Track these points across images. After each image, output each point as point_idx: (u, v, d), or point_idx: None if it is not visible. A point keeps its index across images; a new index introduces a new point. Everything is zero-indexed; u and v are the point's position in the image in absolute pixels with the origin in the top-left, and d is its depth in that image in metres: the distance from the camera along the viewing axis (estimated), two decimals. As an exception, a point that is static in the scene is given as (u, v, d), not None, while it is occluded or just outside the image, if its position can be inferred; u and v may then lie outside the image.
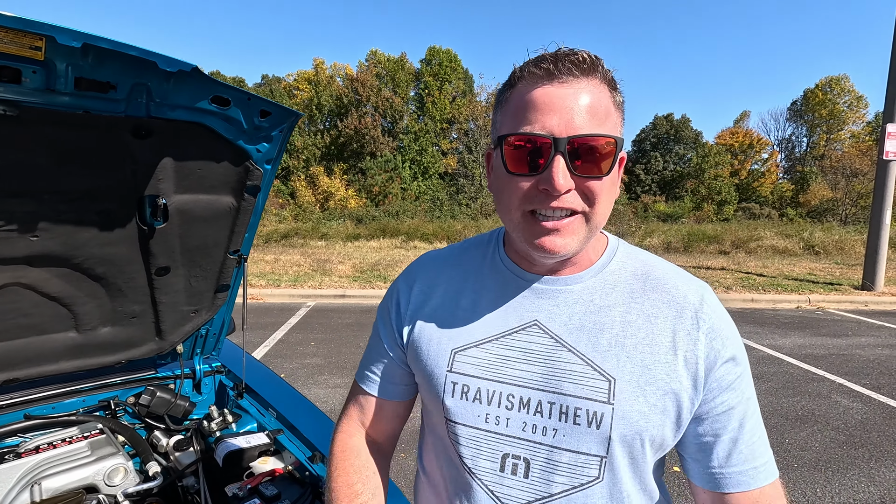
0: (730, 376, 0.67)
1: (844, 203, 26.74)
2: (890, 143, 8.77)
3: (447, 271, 0.82)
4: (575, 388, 0.67)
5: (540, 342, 0.71)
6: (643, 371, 0.66)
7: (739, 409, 0.67)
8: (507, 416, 0.70)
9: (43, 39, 0.95)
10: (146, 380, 1.88)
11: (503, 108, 0.68)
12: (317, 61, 33.88)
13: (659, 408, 0.65)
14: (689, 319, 0.68)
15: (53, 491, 1.29)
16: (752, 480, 0.66)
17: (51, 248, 1.34)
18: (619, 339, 0.68)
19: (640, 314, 0.69)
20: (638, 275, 0.73)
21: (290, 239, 15.74)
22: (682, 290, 0.71)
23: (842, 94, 36.51)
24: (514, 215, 0.67)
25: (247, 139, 1.39)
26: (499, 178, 0.68)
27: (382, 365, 0.84)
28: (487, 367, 0.72)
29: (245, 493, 1.42)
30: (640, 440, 0.66)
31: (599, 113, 0.62)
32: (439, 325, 0.77)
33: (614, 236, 0.79)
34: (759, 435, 0.68)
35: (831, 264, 12.74)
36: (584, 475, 0.67)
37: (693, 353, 0.66)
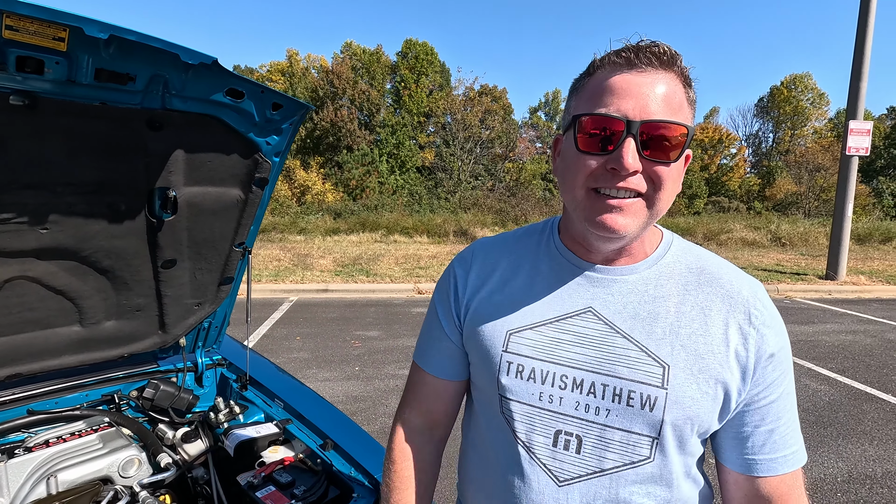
0: (775, 373, 0.70)
1: (808, 196, 27.82)
2: (852, 139, 9.19)
3: (503, 257, 0.84)
4: (629, 372, 0.70)
5: (594, 328, 0.73)
6: (696, 359, 0.69)
7: (780, 402, 0.71)
8: (561, 395, 0.73)
9: (67, 30, 0.95)
10: (148, 373, 1.87)
11: (578, 94, 0.70)
12: (290, 52, 33.24)
13: (710, 395, 0.68)
14: (741, 314, 0.71)
15: (69, 483, 1.29)
16: (780, 466, 0.71)
17: (60, 240, 1.33)
18: (673, 328, 0.71)
19: (695, 306, 0.72)
20: (693, 268, 0.75)
21: (267, 233, 15.48)
22: (736, 285, 0.73)
23: (805, 92, 37.85)
24: (577, 193, 0.68)
25: (257, 132, 1.40)
26: (567, 158, 0.70)
27: (440, 346, 0.87)
28: (542, 349, 0.75)
29: (260, 481, 1.44)
30: (691, 424, 0.69)
31: (674, 103, 0.64)
32: (495, 308, 0.80)
33: (670, 231, 0.82)
34: (794, 426, 0.73)
35: (797, 255, 13.30)
36: (636, 454, 0.70)
37: (744, 346, 0.69)
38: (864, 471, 3.00)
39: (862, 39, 9.12)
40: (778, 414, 0.71)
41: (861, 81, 9.19)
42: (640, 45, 0.65)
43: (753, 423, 0.71)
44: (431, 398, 0.90)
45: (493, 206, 20.90)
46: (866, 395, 4.21)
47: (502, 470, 0.78)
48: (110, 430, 1.52)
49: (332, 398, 3.91)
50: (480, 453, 0.83)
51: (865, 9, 9.05)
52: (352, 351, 5.20)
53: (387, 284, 8.70)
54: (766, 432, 0.71)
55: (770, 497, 0.72)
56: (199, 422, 1.77)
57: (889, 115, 36.00)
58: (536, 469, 0.74)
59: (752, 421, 0.71)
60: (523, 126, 35.17)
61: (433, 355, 0.89)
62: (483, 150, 29.86)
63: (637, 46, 0.65)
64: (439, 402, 0.90)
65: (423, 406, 0.91)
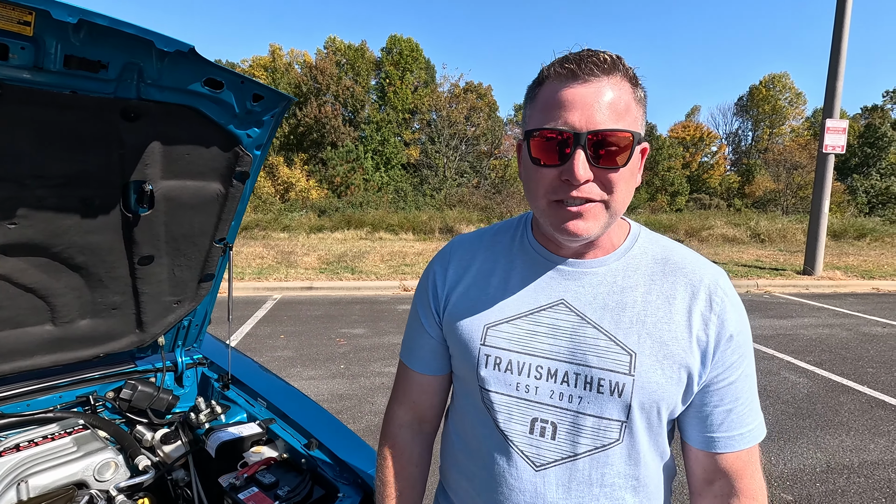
0: (734, 356, 0.74)
1: (785, 194, 28.44)
2: (829, 137, 9.40)
3: (479, 253, 0.88)
4: (599, 361, 0.74)
5: (566, 319, 0.77)
6: (661, 347, 0.73)
7: (739, 384, 0.75)
8: (536, 385, 0.76)
9: (33, 14, 0.91)
10: (125, 374, 1.81)
11: (531, 104, 0.73)
12: (273, 47, 32.75)
13: (674, 380, 0.73)
14: (703, 301, 0.74)
15: (41, 488, 1.24)
16: (736, 444, 0.75)
17: (29, 236, 1.28)
18: (639, 318, 0.74)
19: (660, 295, 0.76)
20: (658, 259, 0.79)
21: (250, 231, 15.25)
22: (699, 273, 0.77)
23: (783, 91, 38.64)
24: (540, 203, 0.73)
25: (238, 124, 1.36)
26: (527, 168, 0.74)
27: (423, 342, 0.91)
28: (518, 341, 0.78)
29: (242, 482, 1.40)
30: (657, 407, 0.73)
31: (619, 109, 0.67)
32: (473, 302, 0.83)
33: (637, 223, 0.85)
34: (751, 406, 0.77)
35: (776, 251, 13.58)
36: (606, 437, 0.74)
37: (704, 332, 0.73)
38: (841, 461, 3.07)
39: (838, 41, 9.32)
40: (736, 395, 0.75)
41: (837, 81, 9.40)
42: (582, 54, 0.68)
43: (713, 404, 0.75)
44: (417, 393, 0.94)
45: (478, 203, 20.92)
46: (843, 387, 4.31)
47: (483, 456, 0.81)
48: (85, 432, 1.47)
49: (317, 397, 3.87)
50: (463, 440, 0.87)
51: (841, 11, 9.25)
52: (337, 349, 5.15)
53: (372, 282, 8.64)
54: (724, 412, 0.75)
55: (727, 471, 0.76)
56: (180, 423, 1.72)
57: (863, 114, 36.96)
58: (515, 455, 0.77)
59: (711, 401, 0.75)
60: (508, 123, 35.22)
61: (416, 352, 0.92)
62: (468, 148, 29.86)
63: (579, 56, 0.68)
64: (425, 397, 0.94)
65: (410, 402, 0.94)
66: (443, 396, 0.95)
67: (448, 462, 0.92)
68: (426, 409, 0.95)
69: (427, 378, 0.92)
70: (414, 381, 0.93)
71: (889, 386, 4.33)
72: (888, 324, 6.61)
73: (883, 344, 5.65)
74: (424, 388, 0.93)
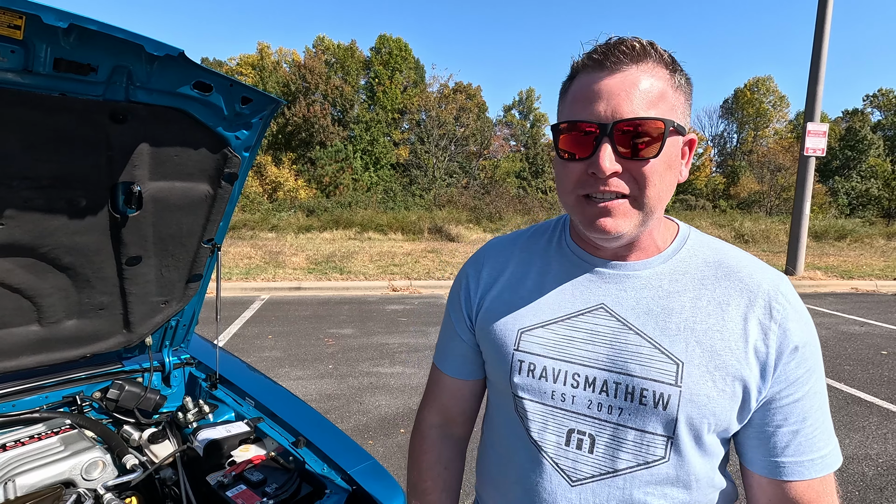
0: (799, 370, 0.67)
1: (769, 195, 28.93)
2: (810, 140, 9.60)
3: (514, 256, 0.84)
4: (641, 370, 0.68)
5: (606, 325, 0.72)
6: (712, 356, 0.66)
7: (805, 402, 0.67)
8: (573, 394, 0.72)
9: (23, 18, 0.92)
10: (112, 374, 1.82)
11: (563, 100, 0.71)
12: (261, 46, 32.49)
13: (727, 393, 0.66)
14: (761, 308, 0.68)
15: (29, 487, 1.25)
16: (806, 471, 0.67)
17: (16, 236, 1.28)
18: (688, 324, 0.68)
19: (711, 300, 0.69)
20: (710, 262, 0.73)
21: (238, 230, 15.12)
22: (757, 278, 0.70)
23: (767, 94, 39.29)
24: (569, 198, 0.70)
25: (226, 126, 1.38)
26: (556, 163, 0.72)
27: (455, 347, 0.88)
28: (553, 347, 0.74)
29: (230, 480, 1.42)
30: (707, 424, 0.67)
31: (651, 97, 0.63)
32: (506, 306, 0.80)
33: (686, 225, 0.80)
34: (822, 428, 0.69)
35: (759, 251, 13.81)
36: (650, 454, 0.68)
37: (764, 342, 0.66)
38: (818, 456, 3.16)
39: (819, 46, 9.53)
40: (803, 414, 0.67)
41: (818, 85, 9.60)
42: (609, 44, 0.65)
43: (776, 423, 0.68)
44: (447, 397, 0.92)
45: (467, 203, 20.96)
46: (821, 385, 4.42)
47: (516, 468, 0.77)
48: (72, 432, 1.48)
49: (305, 397, 3.87)
50: (497, 451, 0.83)
51: (822, 17, 9.45)
52: (325, 349, 5.15)
53: (361, 282, 8.63)
54: (790, 433, 0.67)
55: (796, 502, 0.68)
56: (167, 422, 1.73)
57: (844, 117, 37.73)
58: (548, 468, 0.73)
59: (774, 420, 0.68)
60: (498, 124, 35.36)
61: (448, 356, 0.90)
62: (458, 148, 29.90)
63: (606, 46, 0.65)
64: (454, 401, 0.92)
65: (439, 405, 0.93)
66: (473, 403, 0.92)
67: (483, 477, 0.88)
68: (456, 414, 0.92)
69: (457, 382, 0.90)
70: (444, 385, 0.91)
71: (865, 383, 4.46)
72: (866, 322, 6.78)
73: (860, 342, 5.80)
74: (454, 392, 0.91)
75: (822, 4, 9.42)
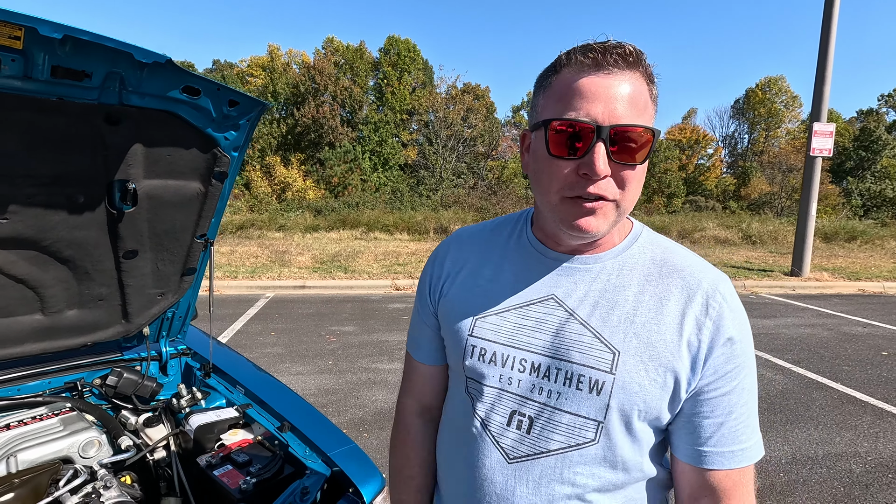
0: (728, 365, 0.69)
1: (780, 196, 28.62)
2: (817, 140, 9.54)
3: (477, 246, 0.88)
4: (581, 357, 0.72)
5: (555, 314, 0.76)
6: (647, 347, 0.70)
7: (732, 396, 0.70)
8: (519, 378, 0.76)
9: (22, 30, 1.01)
10: (112, 362, 1.92)
11: (546, 92, 0.70)
12: (272, 47, 32.86)
13: (658, 383, 0.69)
14: (699, 305, 0.71)
15: (29, 463, 1.35)
16: (726, 461, 0.71)
17: (20, 230, 1.38)
18: (629, 317, 0.72)
19: (653, 295, 0.73)
20: (657, 260, 0.76)
21: (245, 230, 15.34)
22: (698, 276, 0.73)
23: (779, 94, 38.87)
24: (552, 198, 0.70)
25: (215, 127, 1.46)
26: (538, 160, 0.70)
27: (424, 333, 0.93)
28: (504, 334, 0.78)
29: (218, 461, 1.51)
30: (637, 411, 0.70)
31: (639, 105, 0.65)
32: (465, 294, 0.84)
33: (640, 223, 0.82)
34: (747, 423, 0.71)
35: (766, 253, 13.72)
36: (581, 436, 0.72)
37: (697, 337, 0.69)
38: (806, 453, 3.19)
39: (825, 45, 9.47)
40: (729, 408, 0.70)
41: (825, 85, 9.54)
42: (608, 45, 0.65)
43: (703, 414, 0.71)
44: (421, 383, 0.96)
45: (473, 203, 21.03)
46: (817, 384, 4.43)
47: (463, 445, 0.82)
48: (71, 413, 1.57)
49: (303, 391, 3.97)
50: (449, 429, 0.89)
51: (829, 15, 9.39)
52: (326, 346, 5.26)
53: (364, 281, 8.74)
54: (715, 424, 0.70)
55: (714, 489, 0.72)
56: (162, 408, 1.83)
57: (858, 117, 37.21)
58: (491, 446, 0.77)
59: (701, 412, 0.71)
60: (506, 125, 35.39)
61: (418, 342, 0.95)
62: (465, 149, 29.98)
63: (604, 47, 0.65)
64: (428, 386, 0.96)
65: (416, 392, 0.97)
66: (447, 385, 0.95)
67: (439, 451, 0.93)
68: (431, 399, 0.96)
69: (431, 368, 0.94)
70: (419, 372, 0.95)
71: (862, 383, 4.46)
72: (869, 324, 6.74)
73: (861, 343, 5.78)
74: (427, 377, 0.95)
75: (829, 3, 9.37)
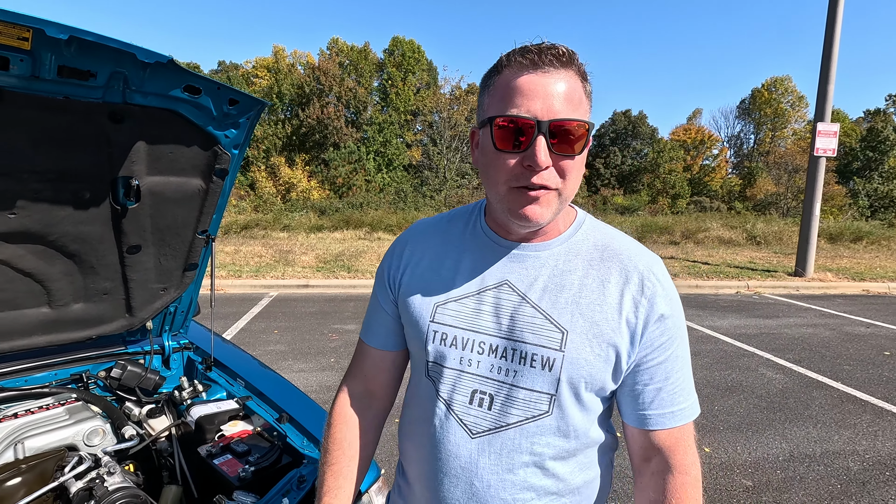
0: (663, 337, 0.78)
1: (786, 196, 28.47)
2: (820, 140, 9.50)
3: (435, 237, 0.93)
4: (534, 338, 0.79)
5: (509, 299, 0.82)
6: (592, 326, 0.77)
7: (667, 364, 0.79)
8: (479, 360, 0.82)
9: (30, 31, 1.05)
10: (116, 355, 1.96)
11: (489, 92, 0.75)
12: (276, 48, 33.04)
13: (602, 357, 0.77)
14: (635, 286, 0.79)
15: (36, 450, 1.39)
16: (667, 421, 0.79)
17: (27, 225, 1.43)
18: (575, 299, 0.79)
19: (596, 279, 0.80)
20: (598, 245, 0.83)
21: (250, 230, 15.44)
22: (634, 260, 0.81)
23: (785, 94, 38.68)
24: (500, 189, 0.75)
25: (216, 125, 1.51)
26: (486, 154, 0.76)
27: (380, 319, 0.97)
28: (463, 319, 0.84)
29: (218, 451, 1.56)
30: (584, 383, 0.78)
31: (574, 100, 0.71)
32: (425, 283, 0.89)
33: (583, 211, 0.89)
34: (683, 386, 0.80)
35: (770, 253, 13.66)
36: (536, 409, 0.79)
37: (634, 314, 0.77)
38: (804, 450, 3.20)
39: (830, 44, 9.43)
40: (666, 374, 0.79)
41: (829, 85, 9.51)
42: (543, 46, 0.71)
43: (643, 382, 0.79)
44: (370, 368, 0.99)
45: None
46: (817, 383, 4.44)
47: (427, 424, 0.87)
48: (77, 403, 1.62)
49: (305, 388, 4.01)
50: (413, 410, 0.93)
51: (833, 15, 9.36)
52: (328, 343, 5.30)
53: (367, 280, 8.78)
54: (654, 390, 0.79)
55: (661, 448, 0.80)
56: (165, 400, 1.88)
57: (866, 117, 36.94)
58: (454, 424, 0.83)
59: (642, 380, 0.79)
60: (510, 125, 35.26)
61: (373, 328, 0.98)
62: (469, 149, 29.98)
63: (539, 48, 0.71)
64: (377, 372, 0.99)
65: (362, 375, 1.00)
66: (395, 373, 1.00)
67: (401, 431, 0.98)
68: (377, 385, 0.99)
69: (380, 353, 0.97)
70: (368, 356, 0.98)
71: (862, 382, 4.45)
72: (872, 324, 6.72)
73: (864, 343, 5.77)
74: (377, 362, 0.98)
75: (833, 3, 9.33)
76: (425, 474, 0.88)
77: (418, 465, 0.90)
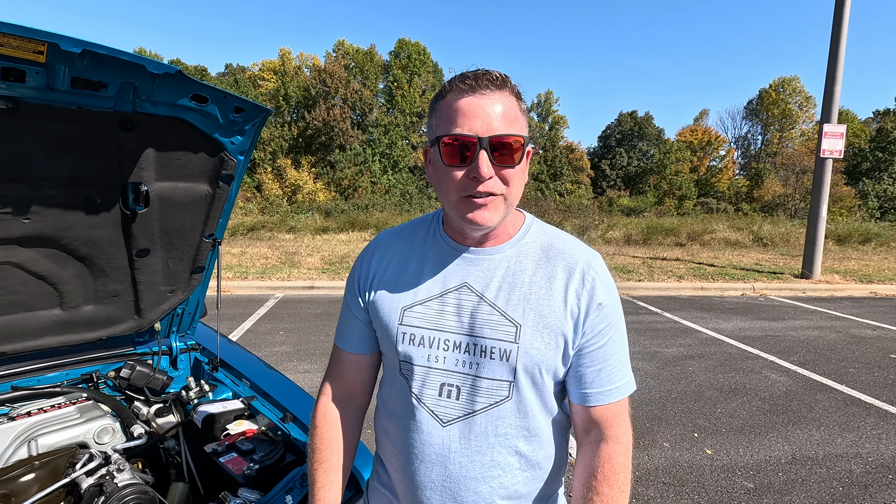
0: (601, 324, 0.89)
1: (794, 198, 28.25)
2: (826, 141, 9.46)
3: (399, 245, 1.02)
4: (492, 333, 0.88)
5: (468, 299, 0.91)
6: (541, 319, 0.88)
7: (606, 348, 0.90)
8: (445, 356, 0.91)
9: (45, 45, 1.10)
10: (125, 355, 2.01)
11: (436, 114, 0.86)
12: (283, 51, 33.27)
13: (552, 345, 0.88)
14: (577, 280, 0.89)
15: (48, 447, 1.44)
16: (604, 398, 0.90)
17: (41, 229, 1.48)
18: (526, 295, 0.89)
19: (543, 276, 0.90)
20: (545, 246, 0.94)
21: (256, 232, 15.57)
22: (576, 257, 0.92)
23: (793, 95, 38.43)
24: (451, 198, 0.85)
25: (222, 132, 1.55)
26: (437, 169, 0.86)
27: (353, 326, 1.03)
28: (429, 320, 0.92)
29: (223, 449, 1.60)
30: (538, 369, 0.88)
31: (510, 117, 0.82)
32: (392, 288, 0.97)
33: (531, 215, 0.99)
34: (620, 367, 0.92)
35: (776, 255, 13.59)
36: (498, 395, 0.89)
37: (577, 305, 0.88)
38: (807, 453, 3.20)
39: (836, 45, 9.39)
40: (605, 357, 0.90)
41: (835, 86, 9.46)
42: (479, 72, 0.83)
43: (585, 365, 0.90)
44: (347, 371, 1.05)
45: (482, 205, 21.00)
46: (821, 386, 4.42)
47: (400, 417, 0.95)
48: (87, 403, 1.67)
49: (311, 388, 4.05)
50: (388, 407, 1.01)
51: (839, 15, 9.32)
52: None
53: (373, 282, 8.82)
54: (595, 371, 0.90)
55: (598, 421, 0.91)
56: (172, 400, 1.92)
57: (875, 118, 36.62)
58: (426, 415, 0.91)
59: (584, 363, 0.90)
60: (515, 127, 35.28)
61: (346, 334, 1.04)
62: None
63: (476, 74, 0.82)
64: (354, 374, 1.05)
65: (341, 378, 1.06)
66: (371, 373, 1.07)
67: (377, 427, 1.05)
68: (355, 386, 1.06)
69: (356, 357, 1.04)
70: (344, 361, 1.04)
71: (867, 385, 4.44)
72: (879, 326, 6.68)
73: (870, 346, 5.74)
74: (353, 365, 1.04)
75: (840, 3, 9.29)
76: (402, 462, 0.95)
77: (395, 454, 0.97)
